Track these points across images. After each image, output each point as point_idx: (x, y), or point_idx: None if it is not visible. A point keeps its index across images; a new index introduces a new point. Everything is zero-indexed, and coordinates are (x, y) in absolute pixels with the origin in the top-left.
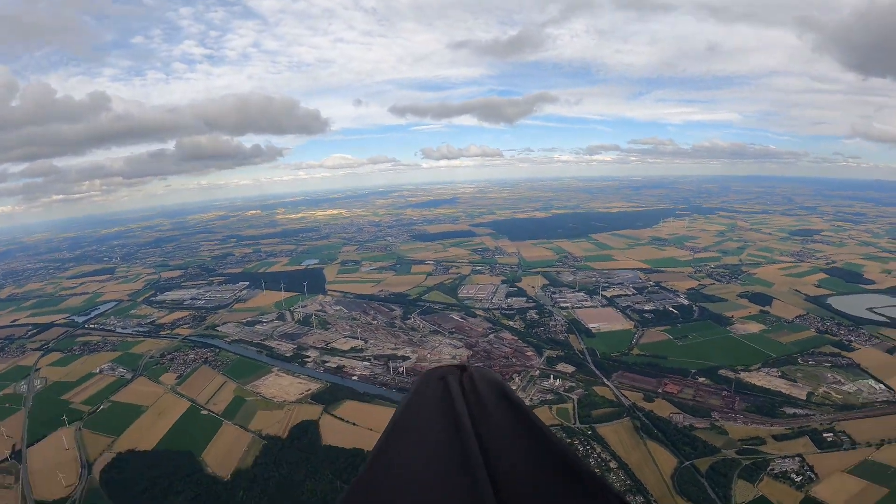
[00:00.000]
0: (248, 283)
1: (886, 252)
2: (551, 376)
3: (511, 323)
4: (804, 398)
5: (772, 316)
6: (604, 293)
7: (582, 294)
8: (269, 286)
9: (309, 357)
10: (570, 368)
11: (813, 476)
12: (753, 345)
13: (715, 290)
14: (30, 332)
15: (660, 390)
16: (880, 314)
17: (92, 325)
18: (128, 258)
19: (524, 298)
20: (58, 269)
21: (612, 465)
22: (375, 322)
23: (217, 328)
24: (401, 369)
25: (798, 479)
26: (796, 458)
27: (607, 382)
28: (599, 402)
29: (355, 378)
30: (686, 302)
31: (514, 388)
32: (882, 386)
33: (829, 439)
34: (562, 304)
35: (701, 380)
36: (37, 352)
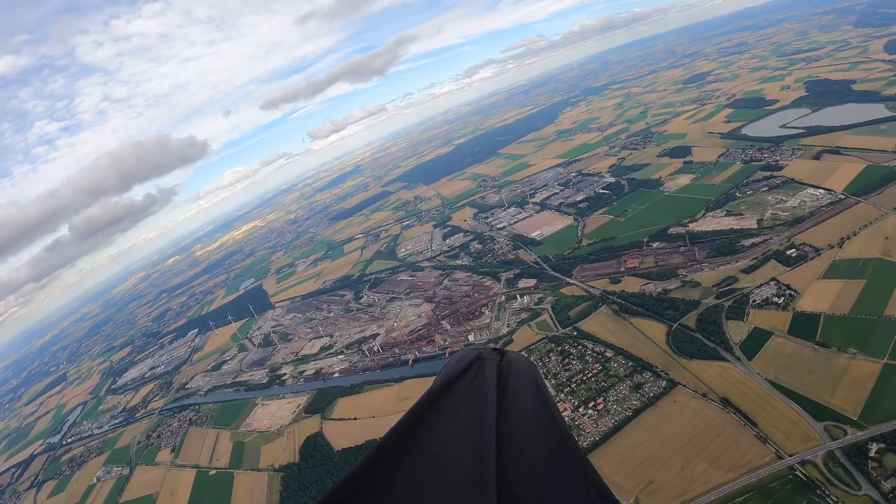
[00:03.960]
0: (196, 329)
1: (779, 70)
2: (517, 296)
3: (459, 262)
4: (756, 227)
5: (696, 163)
6: (533, 200)
7: (513, 209)
8: (218, 323)
9: (285, 374)
10: (531, 282)
11: (793, 293)
12: (690, 195)
13: (635, 159)
14: (15, 476)
15: (622, 269)
16: (794, 127)
17: (69, 439)
18: (73, 358)
19: (461, 234)
20: (12, 400)
21: (609, 354)
22: (332, 314)
23: (187, 386)
24: (375, 348)
25: (780, 301)
26: (771, 283)
27: (571, 281)
28: (572, 301)
29: (337, 375)
30: (612, 179)
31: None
32: (821, 191)
33: (793, 255)
34: (498, 226)
35: (656, 245)
36: (30, 490)
